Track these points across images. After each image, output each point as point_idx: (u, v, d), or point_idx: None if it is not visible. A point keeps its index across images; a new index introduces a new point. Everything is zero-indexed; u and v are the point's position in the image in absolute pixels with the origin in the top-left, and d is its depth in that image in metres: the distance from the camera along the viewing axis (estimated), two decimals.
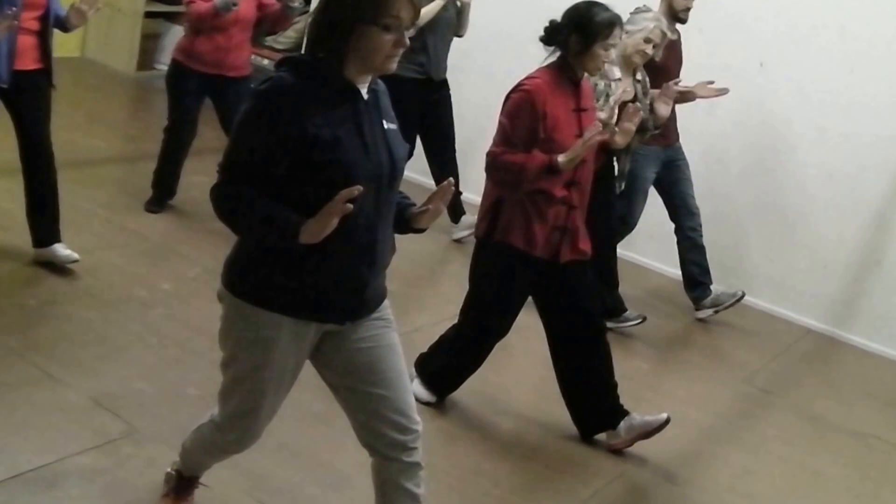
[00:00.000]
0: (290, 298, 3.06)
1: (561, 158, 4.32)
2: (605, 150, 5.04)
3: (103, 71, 9.87)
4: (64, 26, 5.21)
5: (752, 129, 7.05)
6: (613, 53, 4.67)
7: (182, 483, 3.65)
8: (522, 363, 5.62)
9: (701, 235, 6.66)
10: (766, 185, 7.05)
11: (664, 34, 5.58)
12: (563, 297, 4.70)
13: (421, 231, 3.26)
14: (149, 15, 10.06)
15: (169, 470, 3.67)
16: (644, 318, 6.24)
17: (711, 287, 6.74)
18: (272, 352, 3.11)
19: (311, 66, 2.98)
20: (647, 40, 5.47)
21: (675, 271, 7.03)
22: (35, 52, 5.16)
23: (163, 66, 10.51)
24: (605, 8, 4.45)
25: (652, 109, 5.61)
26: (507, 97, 4.50)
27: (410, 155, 6.67)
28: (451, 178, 3.14)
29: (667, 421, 4.72)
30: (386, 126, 3.09)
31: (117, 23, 9.96)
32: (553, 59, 4.53)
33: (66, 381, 4.44)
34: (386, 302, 3.30)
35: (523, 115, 4.40)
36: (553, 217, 4.52)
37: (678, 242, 6.71)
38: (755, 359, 6.44)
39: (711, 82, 6.11)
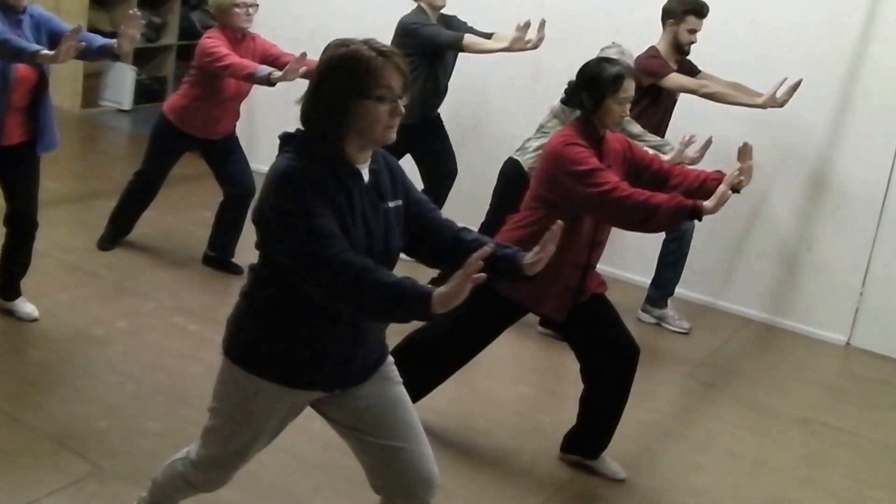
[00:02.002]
0: (275, 366, 3.11)
1: (708, 204, 4.20)
2: None
3: None
4: (113, 54, 5.17)
5: (679, 123, 6.98)
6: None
7: None
8: (475, 376, 5.71)
9: (688, 244, 6.83)
10: None
11: None
12: (591, 330, 4.73)
13: (529, 279, 3.21)
14: None
15: None
16: None
17: (668, 301, 6.94)
18: (253, 416, 3.20)
19: (315, 147, 3.01)
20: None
21: (618, 272, 7.22)
22: (21, 128, 5.23)
23: (107, 102, 10.63)
24: (613, 63, 4.51)
25: None
26: (555, 156, 4.46)
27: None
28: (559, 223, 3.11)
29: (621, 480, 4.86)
30: (388, 205, 3.10)
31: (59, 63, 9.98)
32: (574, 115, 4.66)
33: (30, 424, 4.53)
34: (389, 360, 3.35)
35: (586, 152, 4.40)
36: (566, 279, 4.51)
37: (664, 243, 6.84)
38: (696, 353, 6.56)
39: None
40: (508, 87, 7.82)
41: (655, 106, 6.43)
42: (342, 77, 2.94)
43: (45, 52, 4.79)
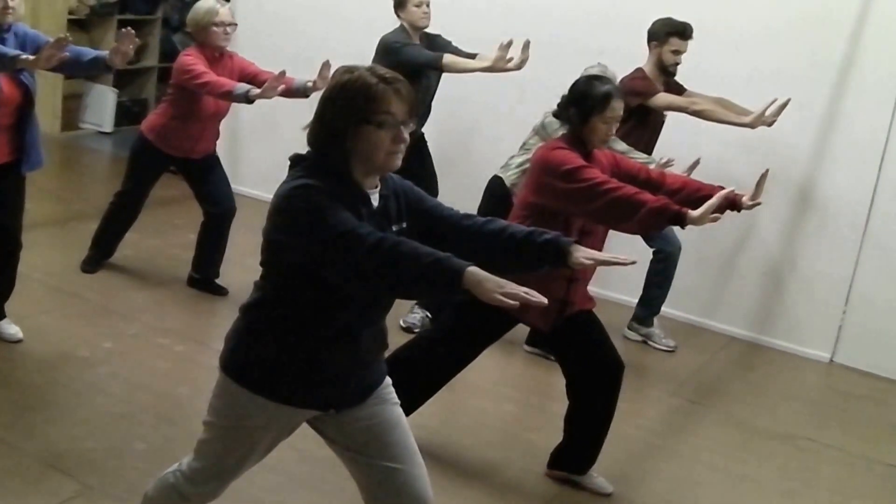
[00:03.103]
0: (272, 383, 3.12)
1: (694, 213, 4.23)
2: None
3: None
4: (106, 66, 5.15)
5: (666, 144, 7.04)
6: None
7: None
8: (463, 394, 5.72)
9: (675, 266, 6.86)
10: None
11: None
12: (577, 346, 4.77)
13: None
14: (69, 76, 10.13)
15: None
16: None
17: (655, 320, 6.99)
18: (248, 431, 3.20)
19: (325, 167, 3.01)
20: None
21: (605, 292, 7.27)
22: (7, 146, 5.22)
23: (88, 125, 10.64)
24: (604, 81, 4.56)
25: None
26: (542, 161, 4.53)
27: None
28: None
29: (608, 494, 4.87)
30: (393, 229, 3.10)
31: (39, 85, 9.97)
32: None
33: (17, 445, 4.51)
34: (387, 381, 3.34)
35: (572, 154, 4.46)
36: (552, 289, 4.37)
37: (651, 263, 6.86)
38: (681, 371, 6.60)
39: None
40: (493, 110, 7.87)
41: (643, 126, 6.48)
42: (344, 102, 2.96)
43: (26, 56, 4.78)
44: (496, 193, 6.27)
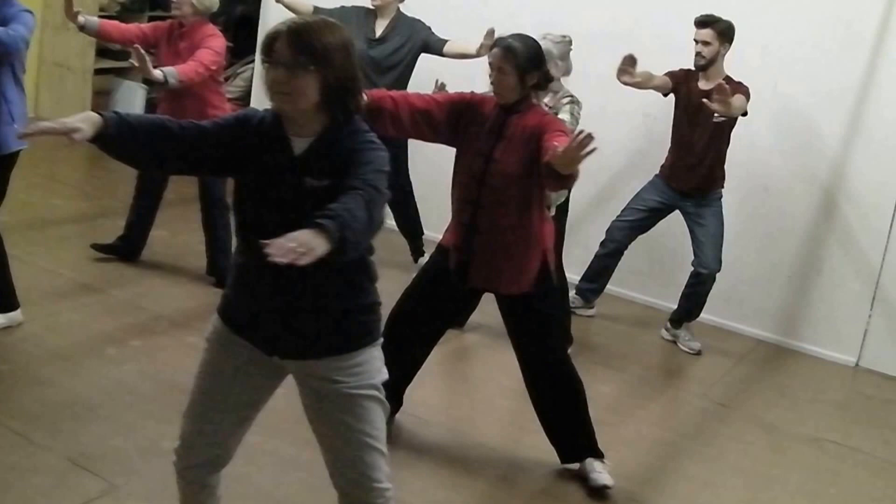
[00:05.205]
0: (222, 300, 3.31)
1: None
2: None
3: None
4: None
5: None
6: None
7: None
8: (488, 394, 5.75)
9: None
10: None
11: None
12: (520, 328, 4.83)
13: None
14: (99, 72, 10.21)
15: None
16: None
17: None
18: (207, 352, 3.34)
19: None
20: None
21: (631, 293, 7.28)
22: None
23: None
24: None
25: None
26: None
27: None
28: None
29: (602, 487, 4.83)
30: (308, 181, 3.03)
31: (68, 81, 10.09)
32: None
33: (43, 444, 4.52)
34: (350, 364, 3.20)
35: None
36: (459, 212, 4.70)
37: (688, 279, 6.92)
38: (710, 373, 6.60)
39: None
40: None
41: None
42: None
43: None
44: None
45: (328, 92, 2.99)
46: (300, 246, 2.58)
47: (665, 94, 6.56)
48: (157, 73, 5.87)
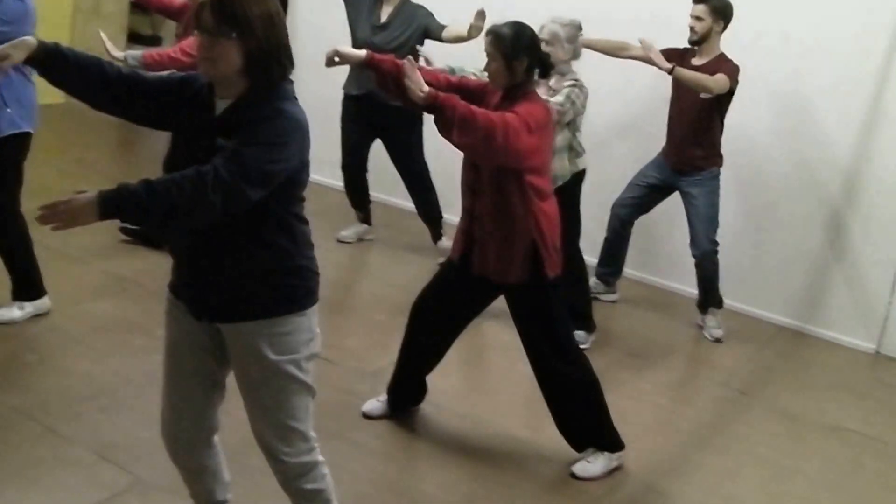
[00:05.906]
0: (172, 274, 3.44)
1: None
2: None
3: (87, 116, 9.91)
4: None
5: None
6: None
7: None
8: (510, 382, 5.78)
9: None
10: (731, 187, 7.16)
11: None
12: (518, 320, 4.85)
13: None
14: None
15: None
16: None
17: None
18: (165, 326, 3.53)
19: None
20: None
21: (653, 279, 7.30)
22: None
23: None
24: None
25: None
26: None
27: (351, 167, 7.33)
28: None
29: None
30: (219, 142, 3.11)
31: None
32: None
33: (69, 436, 4.55)
34: (266, 331, 3.30)
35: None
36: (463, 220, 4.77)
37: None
38: (730, 361, 6.61)
39: None
40: None
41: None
42: None
43: None
44: None
45: (250, 59, 3.09)
46: (65, 212, 2.78)
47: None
48: (118, 54, 5.93)
